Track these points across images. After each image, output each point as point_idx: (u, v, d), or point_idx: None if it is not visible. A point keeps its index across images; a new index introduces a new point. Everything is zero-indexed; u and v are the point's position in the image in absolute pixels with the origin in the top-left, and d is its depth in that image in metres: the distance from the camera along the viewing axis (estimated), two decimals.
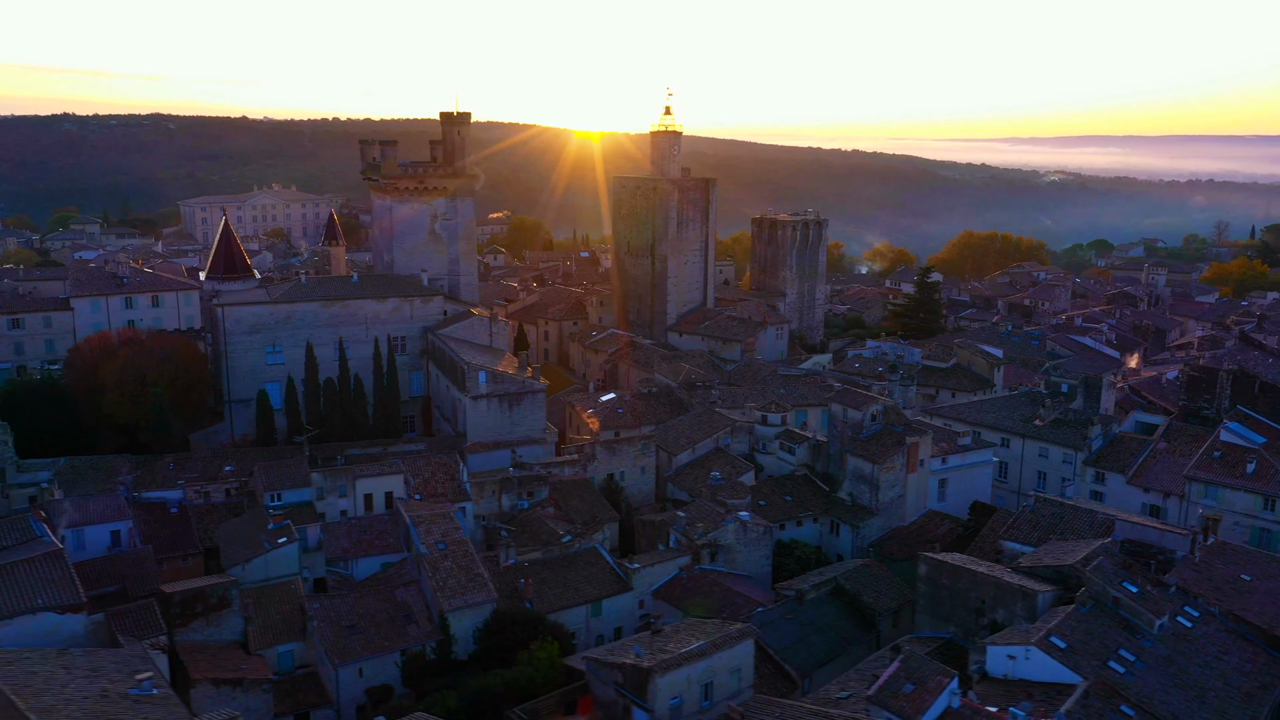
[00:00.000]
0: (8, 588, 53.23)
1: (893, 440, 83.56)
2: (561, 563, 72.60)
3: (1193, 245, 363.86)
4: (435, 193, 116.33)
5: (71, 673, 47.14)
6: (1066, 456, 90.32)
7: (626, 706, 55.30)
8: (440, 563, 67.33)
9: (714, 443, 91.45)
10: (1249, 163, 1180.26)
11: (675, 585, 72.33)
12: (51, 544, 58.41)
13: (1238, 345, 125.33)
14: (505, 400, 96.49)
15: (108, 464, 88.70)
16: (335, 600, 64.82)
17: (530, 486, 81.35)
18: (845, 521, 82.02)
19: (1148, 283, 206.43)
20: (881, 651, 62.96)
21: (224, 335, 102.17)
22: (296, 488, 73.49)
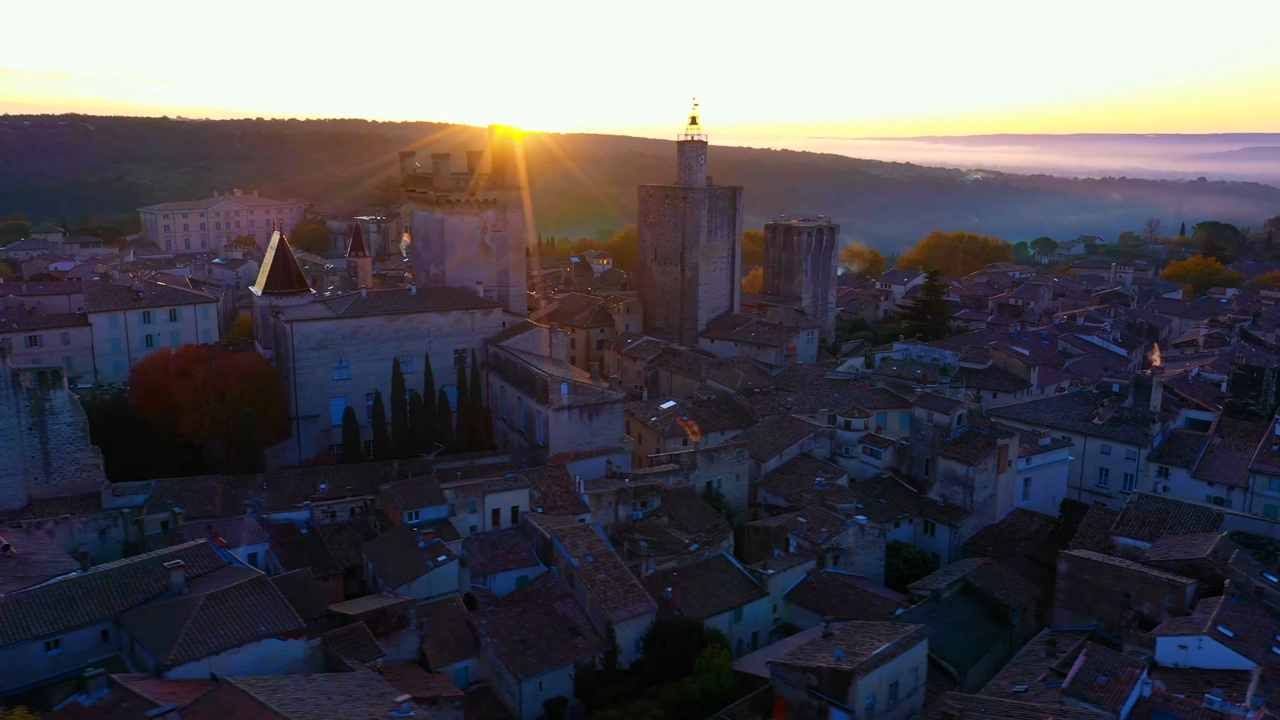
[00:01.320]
0: (228, 616, 53.42)
1: (982, 442, 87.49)
2: (695, 571, 74.71)
3: (1129, 243, 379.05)
4: (486, 205, 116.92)
5: (331, 698, 47.91)
6: (1129, 453, 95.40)
7: (823, 708, 57.81)
8: (594, 575, 68.90)
9: (799, 449, 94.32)
10: (1151, 160, 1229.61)
11: (807, 589, 75.03)
12: (251, 570, 58.56)
13: (1240, 343, 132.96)
14: (585, 411, 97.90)
15: (198, 485, 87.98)
16: (501, 615, 65.90)
17: (644, 496, 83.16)
18: (941, 522, 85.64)
19: (1114, 281, 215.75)
20: (1030, 645, 66.59)
21: (292, 351, 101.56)
22: (432, 505, 74.09)
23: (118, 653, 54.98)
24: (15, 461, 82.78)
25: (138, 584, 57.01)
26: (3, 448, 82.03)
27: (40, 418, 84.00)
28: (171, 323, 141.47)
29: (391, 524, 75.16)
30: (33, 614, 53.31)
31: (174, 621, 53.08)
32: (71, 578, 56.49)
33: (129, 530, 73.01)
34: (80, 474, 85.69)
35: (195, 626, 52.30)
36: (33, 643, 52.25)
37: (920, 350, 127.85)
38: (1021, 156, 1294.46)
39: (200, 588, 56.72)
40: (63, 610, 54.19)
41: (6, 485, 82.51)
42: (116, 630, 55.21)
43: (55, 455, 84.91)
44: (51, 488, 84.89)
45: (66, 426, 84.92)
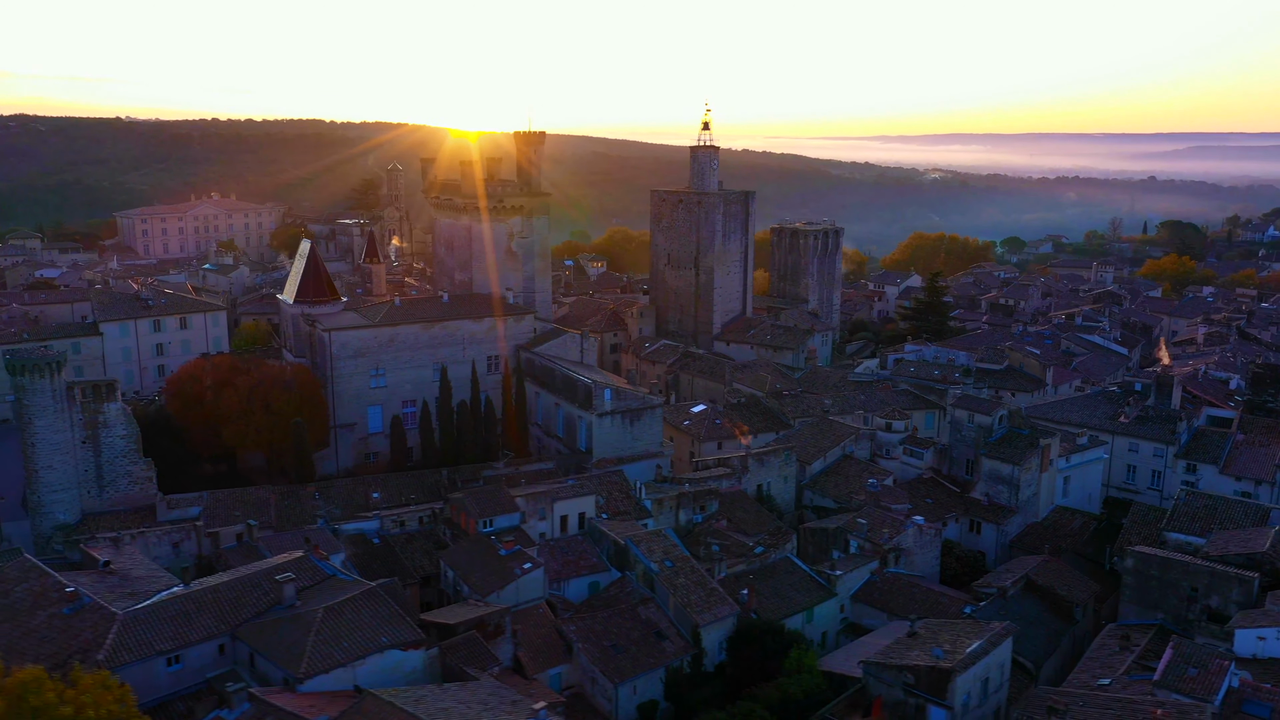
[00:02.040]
0: (348, 628, 53.87)
1: (1024, 442, 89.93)
2: (763, 573, 76.12)
3: (1094, 241, 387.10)
4: (512, 211, 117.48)
5: (470, 706, 48.66)
6: (1157, 451, 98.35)
7: (919, 706, 59.47)
8: (674, 580, 70.08)
9: (841, 451, 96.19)
10: (1100, 159, 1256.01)
11: (872, 589, 76.81)
12: (361, 582, 58.95)
13: (1238, 341, 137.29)
14: (627, 416, 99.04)
15: (250, 496, 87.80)
16: (589, 621, 66.84)
17: (703, 500, 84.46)
18: (988, 520, 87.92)
19: (1095, 280, 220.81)
20: (1101, 640, 68.80)
21: (329, 360, 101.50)
22: (505, 513, 74.77)
23: (233, 666, 55.19)
24: (70, 476, 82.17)
25: (248, 597, 57.23)
26: (58, 462, 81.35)
27: (93, 431, 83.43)
28: (182, 330, 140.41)
29: (463, 532, 75.71)
30: (153, 630, 53.35)
31: (296, 634, 53.43)
32: (184, 592, 56.52)
33: (202, 543, 72.77)
34: (133, 486, 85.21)
35: (320, 639, 52.72)
36: (156, 659, 52.33)
37: (935, 351, 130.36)
38: (975, 156, 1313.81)
39: (312, 600, 57.09)
40: (180, 626, 54.29)
41: (61, 500, 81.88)
42: (233, 644, 55.37)
43: (108, 468, 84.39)
44: (104, 501, 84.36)
45: (120, 439, 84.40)
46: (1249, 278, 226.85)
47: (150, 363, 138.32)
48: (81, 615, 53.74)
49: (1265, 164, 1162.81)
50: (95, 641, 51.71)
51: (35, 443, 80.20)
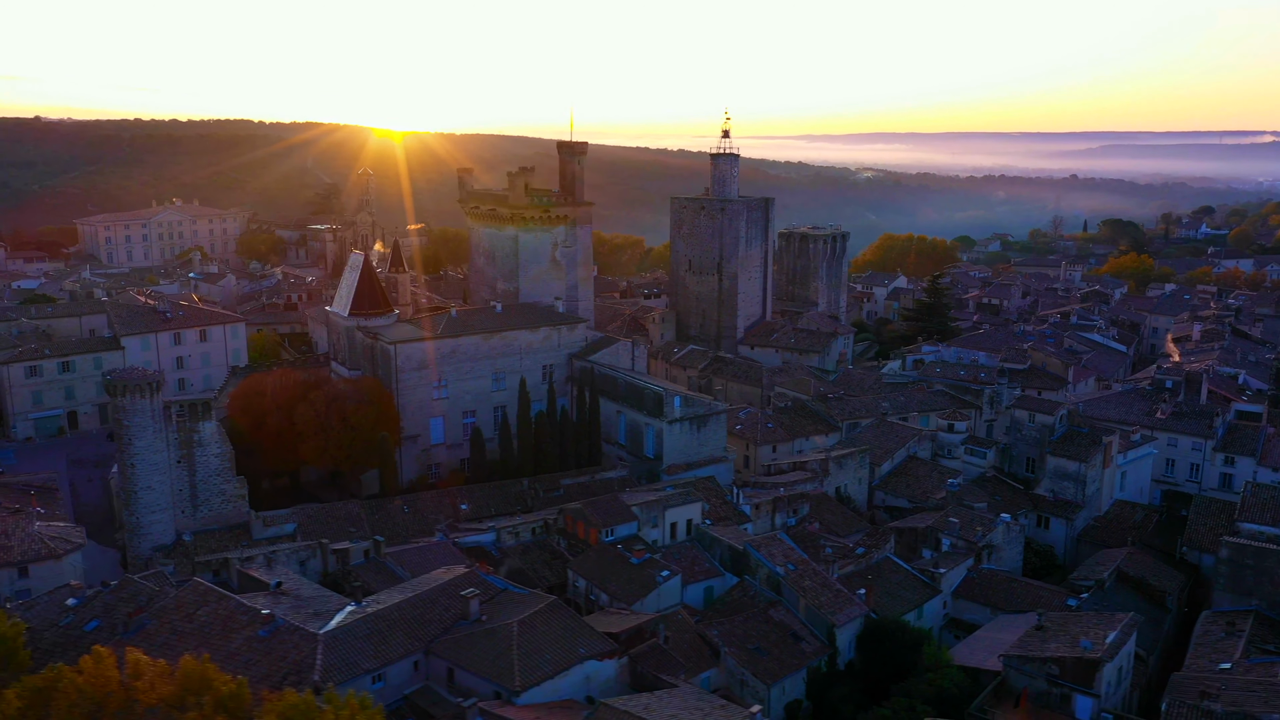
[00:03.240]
0: (544, 641, 55.15)
1: (1085, 440, 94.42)
2: (869, 573, 78.92)
3: (1039, 239, 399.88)
4: (557, 221, 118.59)
5: (692, 714, 50.44)
6: (1195, 445, 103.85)
7: (1065, 696, 62.90)
8: (801, 582, 72.51)
9: (906, 452, 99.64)
10: (1019, 157, 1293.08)
11: (971, 585, 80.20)
12: (541, 595, 60.12)
13: (1233, 339, 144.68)
14: (695, 422, 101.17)
15: (340, 511, 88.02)
16: (728, 625, 68.85)
17: (795, 504, 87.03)
18: (1056, 515, 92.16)
19: (1065, 279, 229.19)
20: (1203, 627, 73.07)
21: (394, 372, 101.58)
22: (624, 522, 76.37)
23: (427, 682, 56.06)
24: (166, 496, 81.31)
25: (433, 614, 58.07)
26: (157, 482, 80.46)
27: (188, 450, 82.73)
28: (201, 343, 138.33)
29: (582, 542, 77.09)
30: (355, 649, 53.96)
31: (497, 648, 54.57)
32: (373, 611, 57.09)
33: (328, 560, 72.95)
34: (226, 505, 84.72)
35: (523, 652, 53.96)
36: (363, 677, 52.99)
37: (957, 353, 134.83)
38: (901, 155, 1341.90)
39: (495, 614, 58.18)
40: (378, 644, 54.97)
41: (159, 521, 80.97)
42: (426, 660, 56.23)
43: (202, 487, 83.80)
44: (198, 520, 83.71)
45: (214, 458, 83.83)
46: (1206, 274, 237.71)
47: (171, 377, 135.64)
48: (278, 637, 54.09)
49: (1173, 161, 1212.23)
50: (303, 663, 52.17)
51: (135, 463, 79.19)
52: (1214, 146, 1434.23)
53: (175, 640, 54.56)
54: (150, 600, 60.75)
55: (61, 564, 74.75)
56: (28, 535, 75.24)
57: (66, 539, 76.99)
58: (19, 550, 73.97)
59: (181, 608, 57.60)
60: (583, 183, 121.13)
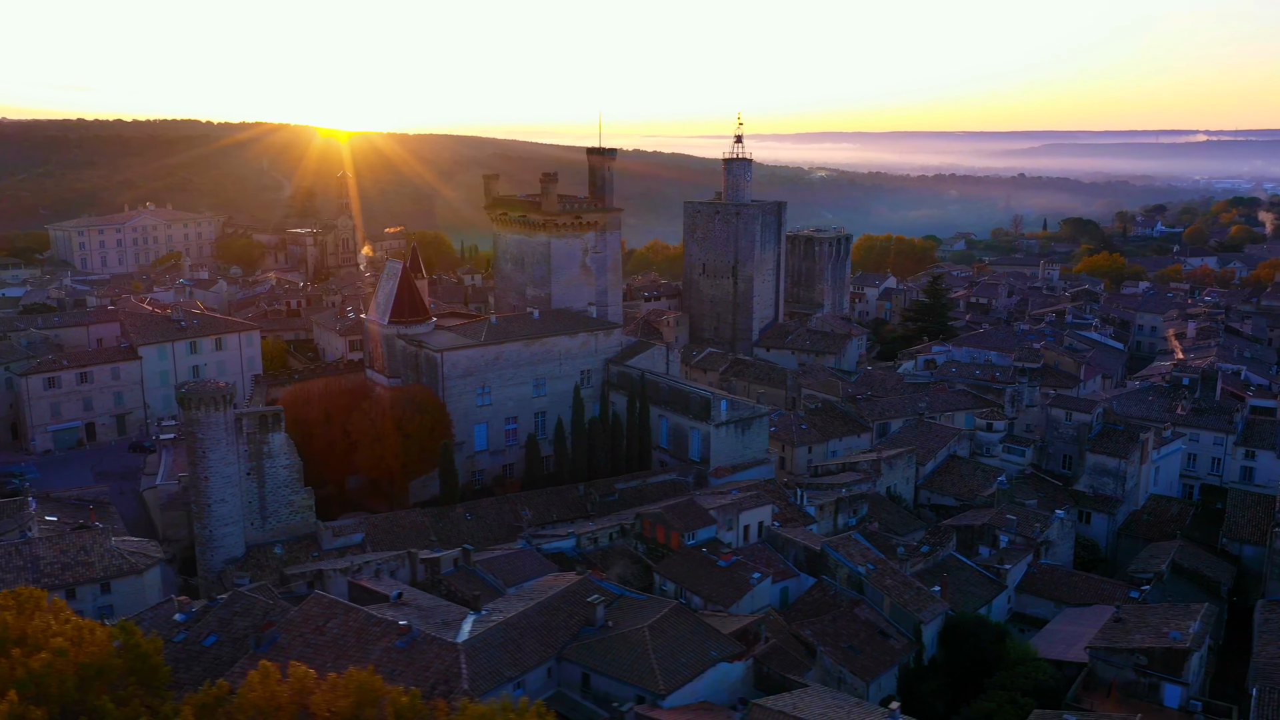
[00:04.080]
0: (676, 644, 56.42)
1: (1121, 437, 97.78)
2: (937, 570, 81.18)
3: (1002, 238, 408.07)
4: (588, 227, 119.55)
5: (835, 712, 52.07)
6: (1217, 440, 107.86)
7: (1153, 684, 65.60)
8: (882, 580, 74.50)
9: (948, 451, 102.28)
10: (964, 156, 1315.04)
11: (1033, 580, 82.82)
12: (664, 600, 61.28)
13: (1227, 336, 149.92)
14: (739, 425, 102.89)
15: (405, 520, 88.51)
16: (819, 625, 70.56)
17: (856, 505, 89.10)
18: (1098, 510, 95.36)
19: (1044, 277, 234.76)
20: (1263, 615, 76.27)
21: (441, 380, 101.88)
22: (704, 526, 77.77)
23: (559, 688, 57.03)
24: (238, 508, 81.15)
25: (559, 621, 59.03)
26: (230, 495, 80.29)
27: (258, 462, 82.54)
28: (217, 351, 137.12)
29: (662, 546, 78.31)
30: (494, 658, 54.74)
31: (633, 653, 55.74)
32: (503, 620, 57.84)
33: (415, 570, 73.39)
34: (294, 516, 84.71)
35: (660, 656, 55.18)
36: (506, 685, 53.83)
37: (970, 353, 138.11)
38: (849, 154, 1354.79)
39: (619, 619, 59.29)
40: (514, 651, 55.80)
41: (231, 533, 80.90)
42: (558, 666, 57.20)
43: (271, 499, 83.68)
44: (266, 532, 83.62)
45: (283, 469, 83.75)
46: (1177, 272, 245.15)
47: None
48: (417, 647, 54.65)
49: (1113, 160, 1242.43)
50: (448, 672, 52.83)
51: (209, 476, 78.98)
52: (1151, 146, 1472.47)
53: (311, 653, 54.82)
54: (265, 614, 60.96)
55: (143, 578, 74.40)
56: (107, 551, 74.63)
57: (145, 554, 76.50)
58: (100, 566, 73.40)
59: (309, 620, 57.89)
60: (613, 188, 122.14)
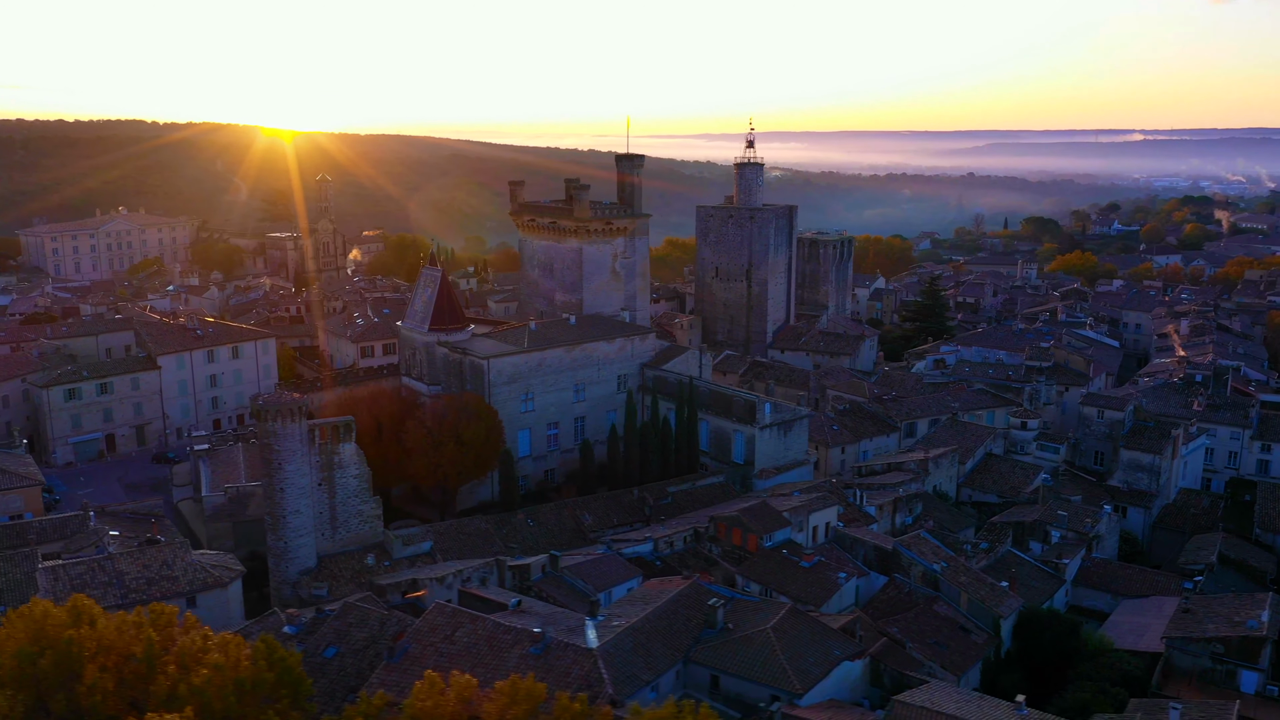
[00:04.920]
0: (799, 644, 57.98)
1: (1153, 433, 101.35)
2: (999, 566, 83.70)
3: (965, 238, 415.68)
4: (617, 232, 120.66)
5: (968, 705, 54.00)
6: (1233, 434, 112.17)
7: (1230, 672, 68.64)
8: (957, 577, 76.75)
9: (984, 449, 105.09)
10: (910, 155, 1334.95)
11: (1088, 573, 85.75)
12: (778, 602, 62.71)
13: (1219, 334, 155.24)
14: (782, 428, 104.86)
15: (469, 527, 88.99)
16: (904, 621, 72.55)
17: (911, 504, 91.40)
18: (1134, 505, 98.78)
19: (1023, 275, 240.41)
20: None
21: (487, 387, 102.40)
22: (780, 528, 79.43)
23: (686, 690, 58.25)
24: (311, 519, 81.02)
25: (681, 624, 60.24)
26: (304, 505, 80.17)
27: (329, 472, 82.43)
28: (234, 360, 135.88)
29: (737, 548, 79.78)
30: (629, 662, 55.79)
31: (762, 653, 57.21)
32: (628, 626, 58.86)
33: (504, 578, 74.04)
34: (363, 526, 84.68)
35: (788, 656, 56.71)
36: (645, 689, 54.96)
37: (981, 353, 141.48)
38: (799, 154, 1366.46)
39: (738, 621, 60.70)
40: (645, 655, 56.92)
41: (304, 545, 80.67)
42: (684, 668, 58.45)
43: (341, 509, 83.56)
44: (336, 542, 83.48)
45: (353, 479, 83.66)
46: (1148, 270, 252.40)
47: (205, 395, 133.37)
48: (552, 654, 55.47)
49: (1055, 159, 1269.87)
50: (589, 678, 53.73)
51: (285, 487, 78.73)
52: (1091, 145, 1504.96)
53: (446, 662, 55.36)
54: (381, 624, 61.40)
55: (227, 592, 74.17)
56: (189, 564, 74.27)
57: (226, 566, 76.21)
58: (184, 580, 73.03)
59: (437, 630, 58.40)
60: (641, 194, 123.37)
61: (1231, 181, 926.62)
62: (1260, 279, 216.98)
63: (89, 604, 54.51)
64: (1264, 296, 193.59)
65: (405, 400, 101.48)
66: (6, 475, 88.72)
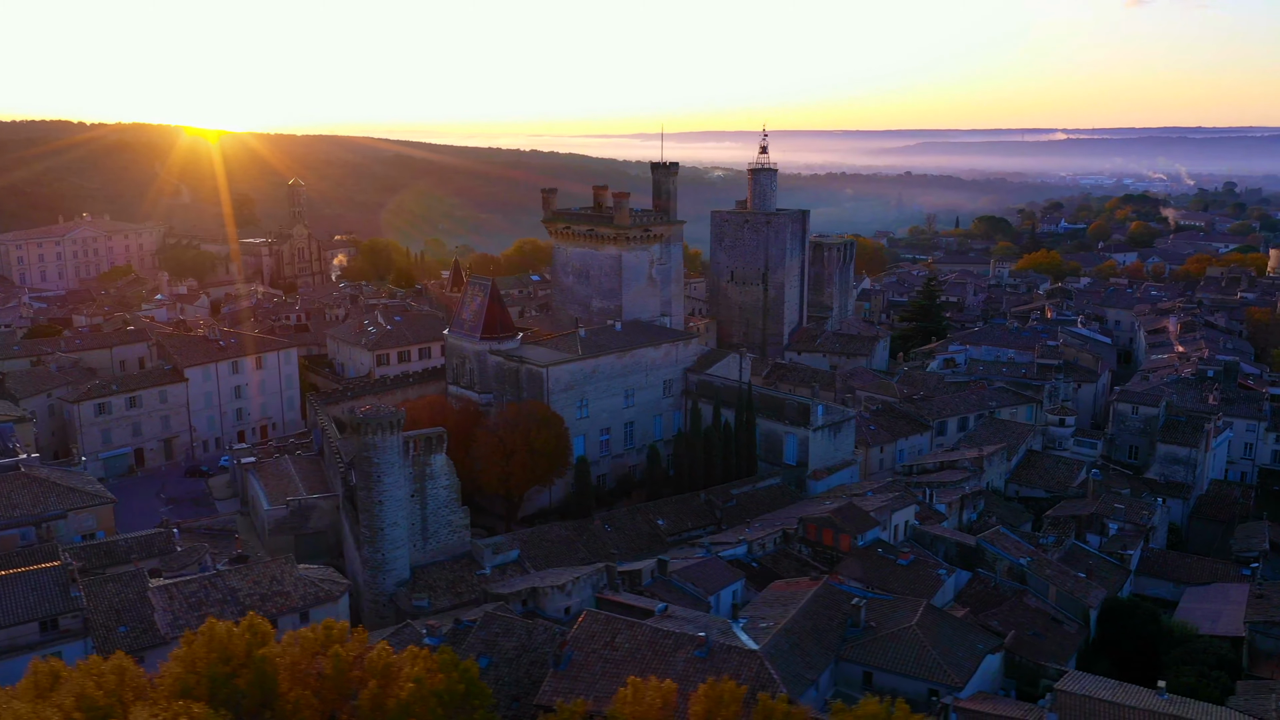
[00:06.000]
0: (944, 639, 60.37)
1: (1185, 427, 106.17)
2: (1071, 558, 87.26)
3: (920, 236, 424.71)
4: (654, 239, 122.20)
5: (1114, 693, 56.89)
6: (1250, 426, 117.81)
7: None
8: (1043, 570, 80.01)
9: (1026, 446, 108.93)
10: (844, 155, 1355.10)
11: (1149, 563, 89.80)
12: (913, 599, 64.95)
13: (1207, 330, 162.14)
14: (832, 429, 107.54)
15: (550, 534, 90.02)
16: (1001, 615, 75.47)
17: (975, 501, 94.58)
18: (1173, 496, 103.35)
19: (995, 274, 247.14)
20: None
21: (545, 395, 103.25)
22: (870, 528, 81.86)
23: (836, 687, 60.30)
24: (405, 530, 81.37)
25: (821, 623, 62.26)
26: (401, 518, 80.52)
27: (421, 484, 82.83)
28: (258, 371, 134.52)
29: (828, 548, 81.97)
30: (791, 661, 57.63)
31: (914, 649, 59.54)
32: (776, 627, 60.65)
33: (615, 581, 75.16)
34: (452, 536, 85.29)
35: (939, 651, 59.07)
36: (810, 688, 56.85)
37: (992, 351, 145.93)
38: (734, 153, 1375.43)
39: (878, 619, 62.93)
40: (803, 655, 58.79)
41: (400, 557, 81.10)
42: (835, 666, 60.50)
43: (432, 520, 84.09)
44: (427, 553, 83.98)
45: (443, 490, 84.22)
46: (1112, 268, 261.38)
47: (229, 406, 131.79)
48: (717, 656, 56.97)
49: (984, 157, 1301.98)
50: (758, 678, 55.24)
51: (383, 500, 79.03)
52: (1017, 144, 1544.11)
53: (612, 669, 56.65)
54: (528, 633, 62.37)
55: (338, 605, 74.25)
56: (298, 579, 74.21)
57: (332, 580, 76.24)
58: (297, 595, 73.02)
59: (595, 637, 59.51)
60: (676, 200, 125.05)
61: (1154, 179, 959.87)
62: (1221, 275, 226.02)
63: (262, 622, 54.67)
64: (1234, 293, 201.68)
65: (467, 409, 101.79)
66: (78, 494, 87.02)
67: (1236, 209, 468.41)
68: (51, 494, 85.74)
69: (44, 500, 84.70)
